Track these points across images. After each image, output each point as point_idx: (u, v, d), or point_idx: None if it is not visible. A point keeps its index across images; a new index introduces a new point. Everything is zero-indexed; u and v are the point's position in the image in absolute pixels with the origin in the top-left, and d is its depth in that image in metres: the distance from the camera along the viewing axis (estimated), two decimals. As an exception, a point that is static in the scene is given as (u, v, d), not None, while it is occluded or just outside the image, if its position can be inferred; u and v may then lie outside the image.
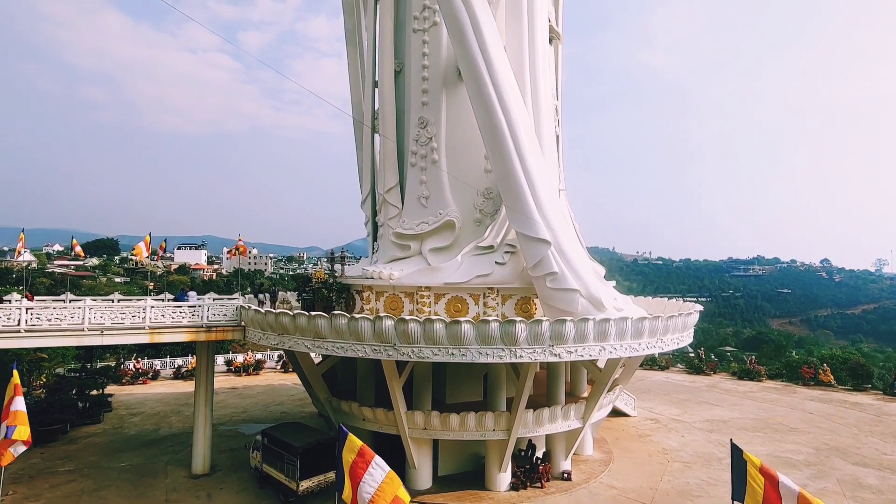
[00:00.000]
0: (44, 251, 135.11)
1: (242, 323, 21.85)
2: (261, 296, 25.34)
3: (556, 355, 17.48)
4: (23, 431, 17.03)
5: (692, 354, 48.19)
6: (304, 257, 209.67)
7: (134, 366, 41.41)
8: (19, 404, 17.33)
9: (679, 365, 47.62)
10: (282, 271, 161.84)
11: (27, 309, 18.80)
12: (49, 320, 19.12)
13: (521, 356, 17.22)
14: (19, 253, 28.87)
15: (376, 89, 27.22)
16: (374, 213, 27.38)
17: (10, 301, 20.35)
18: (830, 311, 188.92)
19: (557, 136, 26.96)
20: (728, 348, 79.76)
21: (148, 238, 26.05)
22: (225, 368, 43.63)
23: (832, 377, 40.04)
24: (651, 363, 46.26)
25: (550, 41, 27.14)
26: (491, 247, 22.56)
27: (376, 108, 27.12)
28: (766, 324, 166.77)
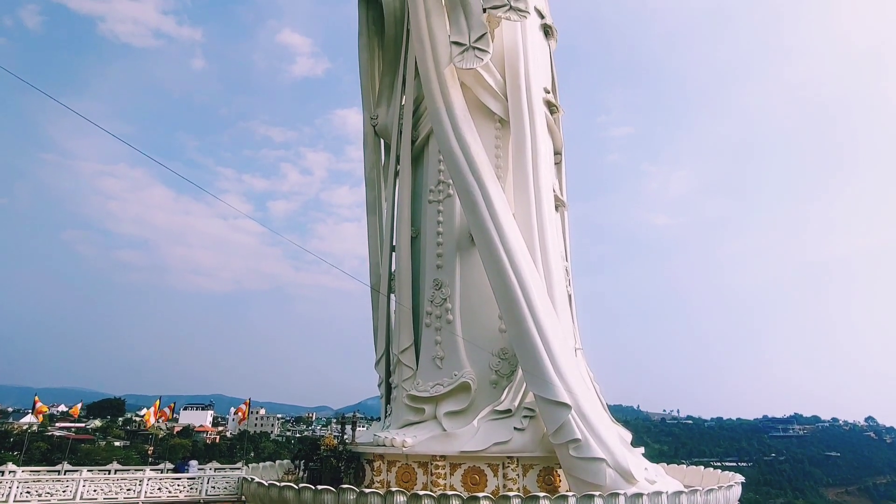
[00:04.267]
0: (48, 411, 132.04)
1: (243, 497, 20.26)
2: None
3: (586, 539, 15.58)
4: None
5: (742, 534, 42.47)
6: (313, 418, 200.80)
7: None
8: None
9: (729, 547, 41.69)
10: (288, 433, 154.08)
11: (19, 482, 17.81)
12: (39, 494, 17.96)
13: (548, 540, 15.37)
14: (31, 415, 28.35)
15: (393, 253, 28.74)
16: (388, 374, 26.91)
17: (2, 472, 19.39)
18: (889, 479, 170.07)
19: (570, 296, 27.42)
20: (782, 525, 70.61)
21: (157, 403, 25.58)
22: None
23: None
24: (696, 545, 40.58)
25: (557, 208, 29.12)
26: (508, 411, 21.58)
27: (393, 271, 28.34)
28: (820, 493, 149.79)
